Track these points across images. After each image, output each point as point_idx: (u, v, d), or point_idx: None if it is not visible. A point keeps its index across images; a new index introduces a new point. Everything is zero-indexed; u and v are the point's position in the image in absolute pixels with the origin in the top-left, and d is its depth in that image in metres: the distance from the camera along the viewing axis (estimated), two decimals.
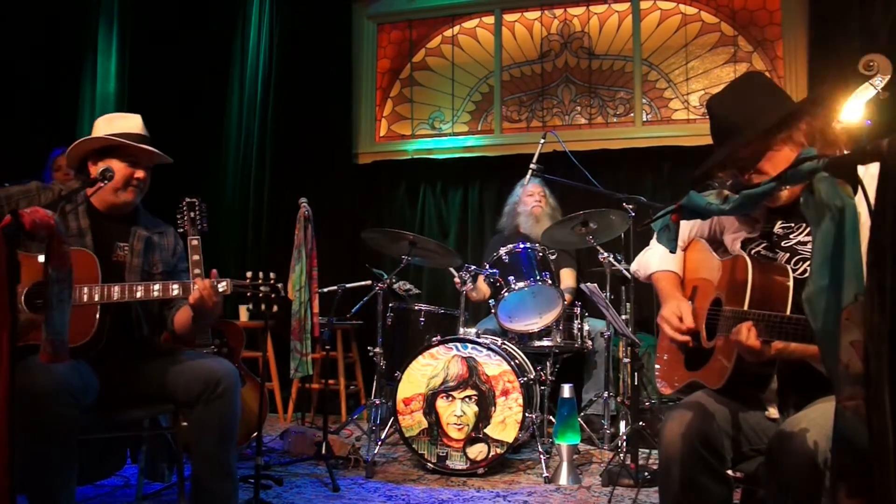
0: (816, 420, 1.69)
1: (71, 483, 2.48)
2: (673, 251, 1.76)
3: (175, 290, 2.70)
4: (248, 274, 2.83)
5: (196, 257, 2.82)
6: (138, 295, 2.68)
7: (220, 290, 2.69)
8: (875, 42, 5.12)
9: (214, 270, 2.73)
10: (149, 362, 2.81)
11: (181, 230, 3.02)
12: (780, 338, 1.81)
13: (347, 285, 4.78)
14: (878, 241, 1.19)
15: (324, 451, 3.90)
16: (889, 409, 1.18)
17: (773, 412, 2.04)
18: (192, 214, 3.03)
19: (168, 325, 2.92)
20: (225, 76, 6.67)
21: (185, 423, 2.89)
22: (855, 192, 1.28)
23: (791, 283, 1.93)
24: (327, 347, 4.34)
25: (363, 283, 4.84)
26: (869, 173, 1.24)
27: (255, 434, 3.59)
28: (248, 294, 2.81)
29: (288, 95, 6.53)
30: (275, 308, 2.82)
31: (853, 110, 2.39)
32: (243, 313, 5.67)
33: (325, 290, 4.59)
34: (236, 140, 6.57)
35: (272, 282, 2.83)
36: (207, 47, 6.56)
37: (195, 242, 2.87)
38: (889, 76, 2.41)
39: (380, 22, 6.95)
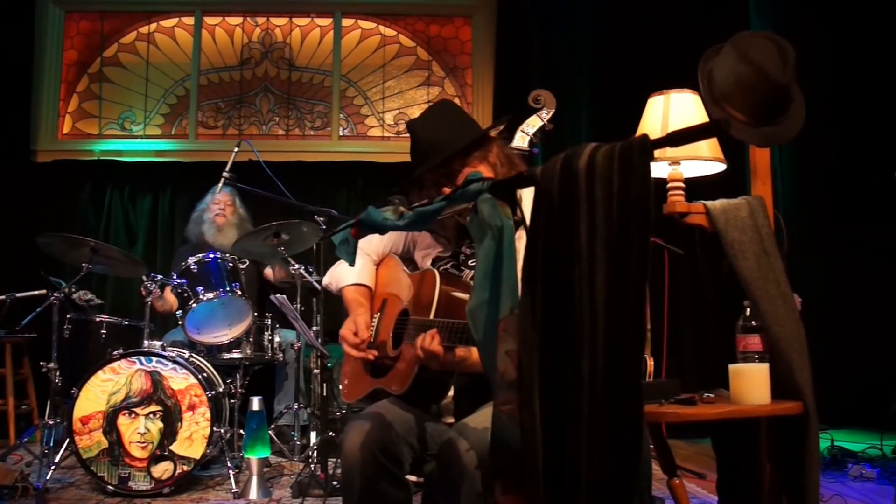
0: (481, 424, 1.81)
1: None
2: (352, 264, 1.82)
3: None
4: None
5: None
6: None
7: None
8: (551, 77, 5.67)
9: None
10: None
11: None
12: (461, 343, 1.92)
13: (18, 294, 4.40)
14: (531, 259, 1.31)
15: None
16: (538, 412, 1.30)
17: (448, 418, 2.16)
18: None
19: None
20: None
21: None
22: (514, 213, 1.40)
23: None
24: None
25: (37, 292, 4.44)
26: (528, 196, 1.37)
27: None
28: None
29: None
30: None
31: (524, 139, 2.63)
32: None
33: None
34: None
35: None
36: None
37: None
38: (553, 110, 2.69)
39: (68, 9, 6.42)
